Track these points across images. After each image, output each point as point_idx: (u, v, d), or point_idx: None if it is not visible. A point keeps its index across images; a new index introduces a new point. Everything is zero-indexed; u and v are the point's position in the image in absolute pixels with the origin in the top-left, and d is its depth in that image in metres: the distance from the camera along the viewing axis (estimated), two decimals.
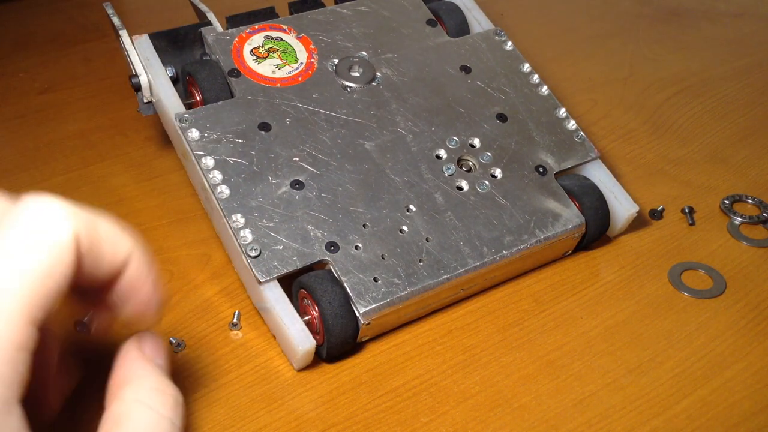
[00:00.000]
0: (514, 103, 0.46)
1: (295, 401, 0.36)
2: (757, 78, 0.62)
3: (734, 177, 0.51)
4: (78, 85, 0.57)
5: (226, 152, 0.40)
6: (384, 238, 0.39)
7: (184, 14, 0.50)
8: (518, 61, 0.48)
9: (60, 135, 0.52)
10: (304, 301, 0.37)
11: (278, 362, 0.38)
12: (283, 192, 0.39)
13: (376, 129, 0.43)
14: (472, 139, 0.43)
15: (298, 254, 0.37)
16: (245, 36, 0.45)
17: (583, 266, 0.44)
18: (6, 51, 0.60)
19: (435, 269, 0.38)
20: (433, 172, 0.42)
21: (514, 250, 0.40)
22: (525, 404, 0.36)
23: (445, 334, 0.40)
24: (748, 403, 0.37)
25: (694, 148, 0.54)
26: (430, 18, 0.49)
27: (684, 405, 0.37)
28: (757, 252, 0.45)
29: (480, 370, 0.38)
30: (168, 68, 0.44)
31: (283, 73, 0.44)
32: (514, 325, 0.40)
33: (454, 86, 0.46)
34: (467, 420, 0.36)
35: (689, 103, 0.58)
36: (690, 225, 0.47)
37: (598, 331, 0.40)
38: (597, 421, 0.36)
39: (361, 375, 0.37)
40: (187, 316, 0.40)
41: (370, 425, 0.35)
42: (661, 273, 0.44)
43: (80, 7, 0.66)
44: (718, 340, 0.40)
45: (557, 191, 0.43)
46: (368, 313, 0.36)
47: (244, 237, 0.37)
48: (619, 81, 0.60)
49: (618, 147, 0.53)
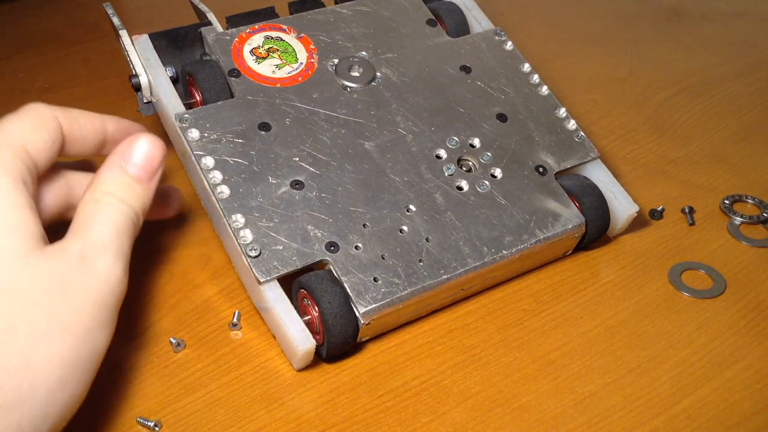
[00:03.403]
0: (514, 103, 0.46)
1: (295, 401, 0.36)
2: (757, 78, 0.62)
3: (734, 177, 0.51)
4: (78, 85, 0.57)
5: (226, 152, 0.40)
6: (384, 238, 0.39)
7: (184, 14, 0.50)
8: (518, 61, 0.48)
9: None
10: (304, 301, 0.37)
11: (278, 362, 0.38)
12: (283, 192, 0.39)
13: (376, 129, 0.43)
14: (472, 139, 0.43)
15: (298, 254, 0.37)
16: (245, 36, 0.45)
17: (583, 266, 0.44)
18: (6, 51, 0.60)
19: (435, 269, 0.38)
20: (433, 172, 0.42)
21: (514, 250, 0.40)
22: (525, 404, 0.36)
23: (445, 334, 0.40)
24: (748, 403, 0.37)
25: (694, 148, 0.54)
26: (430, 18, 0.49)
27: (684, 405, 0.37)
28: (757, 252, 0.45)
29: (480, 370, 0.38)
30: (168, 68, 0.44)
31: (283, 73, 0.44)
32: (514, 325, 0.40)
33: (454, 86, 0.46)
34: (467, 420, 0.36)
35: (689, 103, 0.58)
36: (690, 225, 0.47)
37: (598, 331, 0.40)
38: (597, 421, 0.36)
39: (361, 375, 0.37)
40: (187, 316, 0.40)
41: (370, 425, 0.35)
42: (661, 273, 0.44)
43: (80, 7, 0.66)
44: (718, 340, 0.40)
45: (557, 191, 0.43)
46: (368, 313, 0.36)
47: (244, 237, 0.37)
48: (619, 81, 0.60)
49: (618, 147, 0.53)
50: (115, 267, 0.32)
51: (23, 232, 0.30)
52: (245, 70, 0.43)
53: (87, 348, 0.30)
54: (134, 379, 0.36)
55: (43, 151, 0.33)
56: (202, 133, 0.40)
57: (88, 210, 0.33)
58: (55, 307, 0.29)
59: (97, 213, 0.33)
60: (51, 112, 0.34)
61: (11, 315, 0.28)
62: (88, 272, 0.31)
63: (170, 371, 0.37)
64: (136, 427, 0.34)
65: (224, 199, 0.38)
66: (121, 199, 0.33)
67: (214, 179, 0.39)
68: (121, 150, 0.35)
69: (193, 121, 0.40)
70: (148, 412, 0.35)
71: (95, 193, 0.33)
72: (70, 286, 0.30)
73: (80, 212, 0.33)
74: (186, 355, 0.38)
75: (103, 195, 0.33)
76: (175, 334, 0.38)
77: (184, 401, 0.36)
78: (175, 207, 0.42)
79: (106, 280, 0.31)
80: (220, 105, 0.42)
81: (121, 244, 0.33)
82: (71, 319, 0.30)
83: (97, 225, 0.32)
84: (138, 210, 0.34)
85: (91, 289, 0.31)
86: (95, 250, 0.31)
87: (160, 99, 0.43)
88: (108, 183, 0.34)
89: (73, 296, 0.30)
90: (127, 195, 0.34)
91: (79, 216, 0.33)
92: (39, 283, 0.29)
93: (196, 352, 0.38)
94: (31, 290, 0.29)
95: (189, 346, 0.38)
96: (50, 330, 0.29)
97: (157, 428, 0.34)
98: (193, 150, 0.39)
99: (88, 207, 0.33)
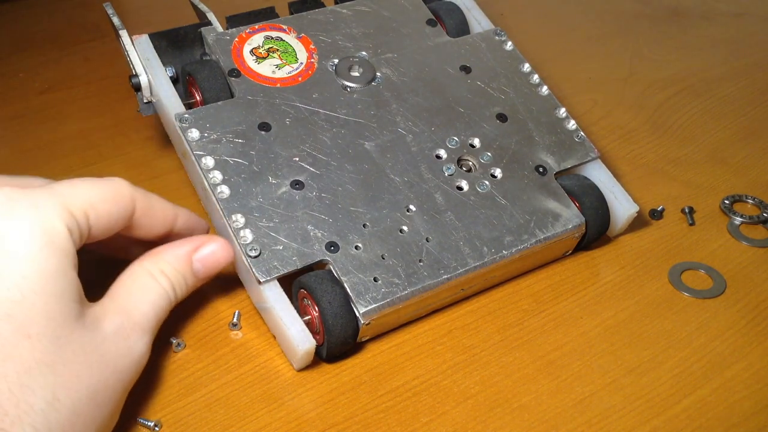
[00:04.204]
0: (514, 103, 0.46)
1: (295, 401, 0.36)
2: (757, 78, 0.62)
3: (734, 177, 0.51)
4: (78, 85, 0.57)
5: (226, 152, 0.40)
6: (384, 238, 0.39)
7: (184, 14, 0.50)
8: (518, 61, 0.48)
9: (60, 135, 0.52)
10: (304, 301, 0.37)
11: (278, 362, 0.38)
12: (283, 192, 0.39)
13: (376, 129, 0.43)
14: (472, 139, 0.43)
15: (298, 254, 0.37)
16: (245, 36, 0.45)
17: (583, 266, 0.44)
18: (6, 51, 0.60)
19: (435, 269, 0.38)
20: (433, 172, 0.42)
21: (514, 250, 0.40)
22: (525, 404, 0.36)
23: (445, 334, 0.40)
24: (748, 403, 0.37)
25: (694, 148, 0.54)
26: (430, 18, 0.49)
27: (684, 405, 0.37)
28: (757, 252, 0.45)
29: (480, 370, 0.38)
30: (168, 68, 0.44)
31: (283, 73, 0.44)
32: (514, 325, 0.40)
33: (454, 86, 0.46)
34: (467, 420, 0.36)
35: (689, 103, 0.58)
36: (690, 225, 0.47)
37: (598, 331, 0.40)
38: (597, 421, 0.36)
39: (361, 375, 0.37)
40: (187, 316, 0.40)
41: (370, 425, 0.35)
42: (661, 273, 0.44)
43: (80, 7, 0.66)
44: (718, 340, 0.40)
45: (557, 191, 0.43)
46: (368, 313, 0.36)
47: (244, 237, 0.37)
48: (619, 81, 0.60)
49: (618, 147, 0.53)
50: (146, 349, 0.33)
51: (68, 297, 0.29)
52: (245, 70, 0.43)
53: (111, 424, 0.31)
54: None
55: (103, 222, 0.33)
56: (202, 133, 0.40)
57: (138, 281, 0.34)
58: (94, 382, 0.29)
59: (146, 291, 0.33)
60: (131, 193, 0.34)
61: (55, 387, 0.28)
62: (126, 352, 0.31)
63: (170, 371, 0.37)
64: (136, 427, 0.34)
65: (224, 199, 0.38)
66: (171, 286, 0.34)
67: (214, 179, 0.39)
68: (195, 241, 0.36)
69: (193, 121, 0.40)
70: (148, 412, 0.35)
71: (153, 267, 0.34)
72: (107, 363, 0.30)
73: (129, 278, 0.34)
74: (186, 355, 0.38)
75: (160, 274, 0.34)
76: (175, 334, 0.38)
77: (184, 401, 0.36)
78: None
79: (137, 361, 0.32)
80: (220, 105, 0.42)
81: (156, 326, 0.34)
82: (106, 396, 0.30)
83: (142, 305, 0.33)
84: (178, 298, 0.35)
85: (125, 369, 0.31)
86: (135, 329, 0.32)
87: (160, 99, 0.43)
88: (169, 264, 0.35)
89: (109, 373, 0.30)
90: (178, 283, 0.35)
91: (126, 282, 0.33)
92: (81, 356, 0.29)
93: (196, 352, 0.38)
94: (74, 363, 0.29)
95: (189, 346, 0.38)
96: (87, 407, 0.29)
97: (157, 428, 0.34)
98: (193, 150, 0.39)
99: (140, 278, 0.34)
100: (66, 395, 0.28)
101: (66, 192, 0.32)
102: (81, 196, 0.32)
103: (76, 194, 0.32)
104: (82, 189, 0.32)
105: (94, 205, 0.32)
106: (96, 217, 0.32)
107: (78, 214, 0.31)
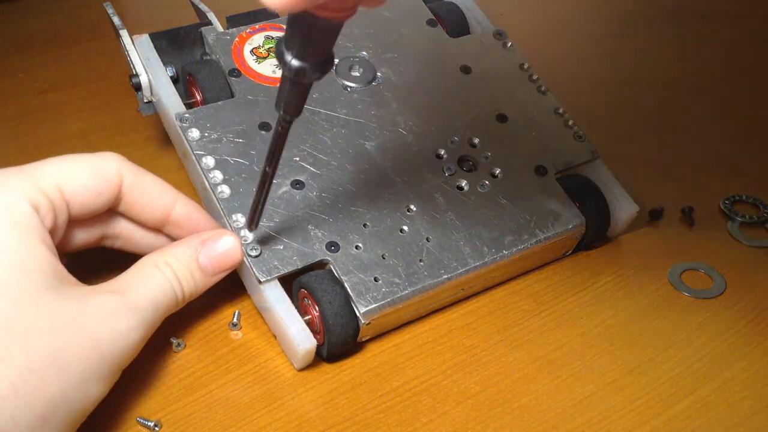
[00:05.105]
0: (514, 103, 0.46)
1: (295, 401, 0.36)
2: (757, 78, 0.62)
3: (734, 177, 0.51)
4: (78, 85, 0.57)
5: (227, 152, 0.40)
6: (384, 238, 0.39)
7: (184, 14, 0.50)
8: (518, 61, 0.48)
9: (60, 135, 0.52)
10: (304, 300, 0.37)
11: (278, 362, 0.38)
12: (283, 192, 0.39)
13: (376, 129, 0.43)
14: (472, 139, 0.43)
15: (299, 254, 0.37)
16: (245, 36, 0.45)
17: (583, 266, 0.44)
18: (6, 51, 0.60)
19: (435, 269, 0.38)
20: (434, 171, 0.42)
21: (515, 250, 0.40)
22: (525, 404, 0.36)
23: (445, 334, 0.40)
24: (748, 403, 0.37)
25: (693, 148, 0.54)
26: (430, 18, 0.49)
27: (684, 405, 0.37)
28: (757, 252, 0.45)
29: (480, 370, 0.38)
30: (168, 68, 0.44)
31: None
32: (514, 325, 0.40)
33: (454, 86, 0.46)
34: (467, 420, 0.36)
35: (689, 103, 0.58)
36: (690, 225, 0.47)
37: (598, 331, 0.40)
38: (597, 421, 0.36)
39: (361, 375, 0.37)
40: (187, 316, 0.40)
41: (370, 425, 0.35)
42: (661, 273, 0.44)
43: (80, 7, 0.66)
44: (718, 340, 0.40)
45: (557, 191, 0.43)
46: (369, 313, 0.36)
47: (244, 237, 0.37)
48: (619, 81, 0.60)
49: (618, 147, 0.53)
50: (136, 330, 0.32)
51: (32, 268, 0.30)
52: (246, 69, 0.43)
53: (78, 394, 0.30)
54: (134, 379, 0.36)
55: (81, 196, 0.33)
56: (203, 132, 0.40)
57: (144, 271, 0.34)
58: (60, 345, 0.29)
59: (147, 278, 0.34)
60: (117, 166, 0.34)
61: (9, 344, 0.28)
62: (111, 327, 0.31)
63: (170, 371, 0.37)
64: (136, 427, 0.34)
65: (225, 198, 0.38)
66: (175, 277, 0.34)
67: (214, 179, 0.39)
68: (204, 236, 0.36)
69: (194, 121, 0.40)
70: (148, 412, 0.35)
71: (159, 259, 0.35)
72: (83, 333, 0.30)
73: (134, 268, 0.34)
74: (186, 355, 0.38)
75: (164, 265, 0.34)
76: (175, 335, 0.38)
77: (184, 401, 0.36)
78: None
79: (121, 338, 0.32)
80: (220, 105, 0.42)
81: (152, 315, 0.33)
82: (71, 361, 0.29)
83: (140, 288, 0.33)
84: (185, 294, 0.35)
85: (103, 340, 0.31)
86: (126, 307, 0.32)
87: (161, 99, 0.43)
88: (174, 257, 0.35)
89: (81, 341, 0.30)
90: (183, 276, 0.35)
91: (130, 271, 0.34)
92: (47, 320, 0.29)
93: (196, 352, 0.38)
94: (36, 324, 0.29)
95: (189, 346, 0.38)
96: (45, 366, 0.29)
97: (157, 428, 0.34)
98: (194, 150, 0.39)
99: (146, 268, 0.34)
100: (20, 351, 0.28)
101: (37, 169, 0.33)
102: (53, 171, 0.33)
103: (48, 170, 0.33)
104: (55, 165, 0.33)
105: (68, 179, 0.33)
106: (72, 192, 0.33)
107: (49, 189, 0.32)
